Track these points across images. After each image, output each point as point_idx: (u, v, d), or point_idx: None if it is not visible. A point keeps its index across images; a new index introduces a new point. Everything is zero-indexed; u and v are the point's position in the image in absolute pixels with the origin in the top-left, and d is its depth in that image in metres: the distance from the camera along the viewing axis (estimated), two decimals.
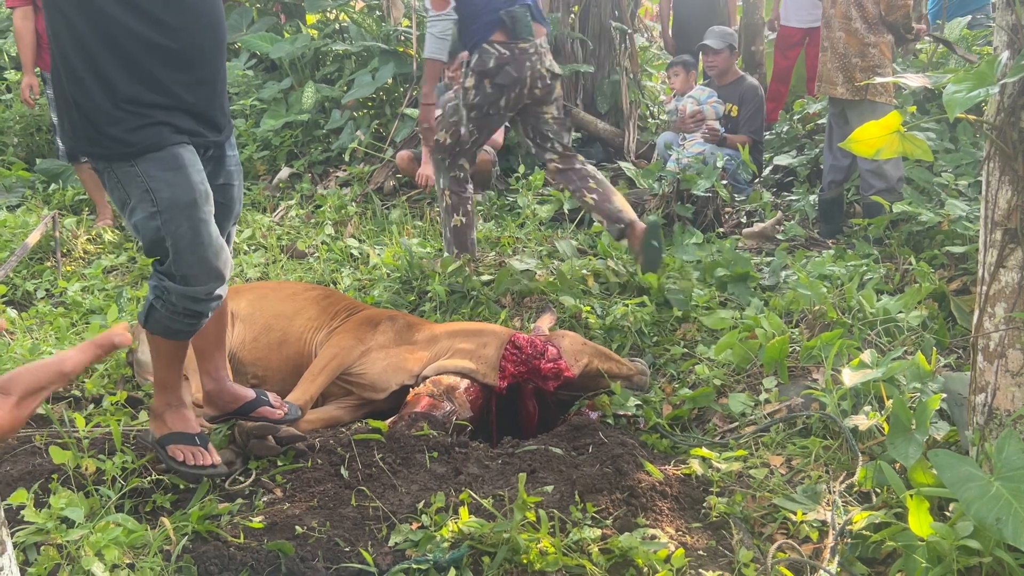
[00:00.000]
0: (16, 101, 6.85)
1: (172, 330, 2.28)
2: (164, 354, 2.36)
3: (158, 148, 2.13)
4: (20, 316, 3.87)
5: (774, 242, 4.65)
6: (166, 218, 2.14)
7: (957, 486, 1.79)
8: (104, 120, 2.11)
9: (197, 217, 2.16)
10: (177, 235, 2.15)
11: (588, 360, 3.11)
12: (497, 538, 2.05)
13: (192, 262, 2.18)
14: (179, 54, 2.16)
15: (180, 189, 2.14)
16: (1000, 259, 1.99)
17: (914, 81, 2.04)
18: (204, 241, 2.18)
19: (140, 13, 2.09)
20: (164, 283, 2.21)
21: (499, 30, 3.92)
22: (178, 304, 2.22)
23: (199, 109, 2.24)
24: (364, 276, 4.39)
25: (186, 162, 2.16)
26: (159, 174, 2.13)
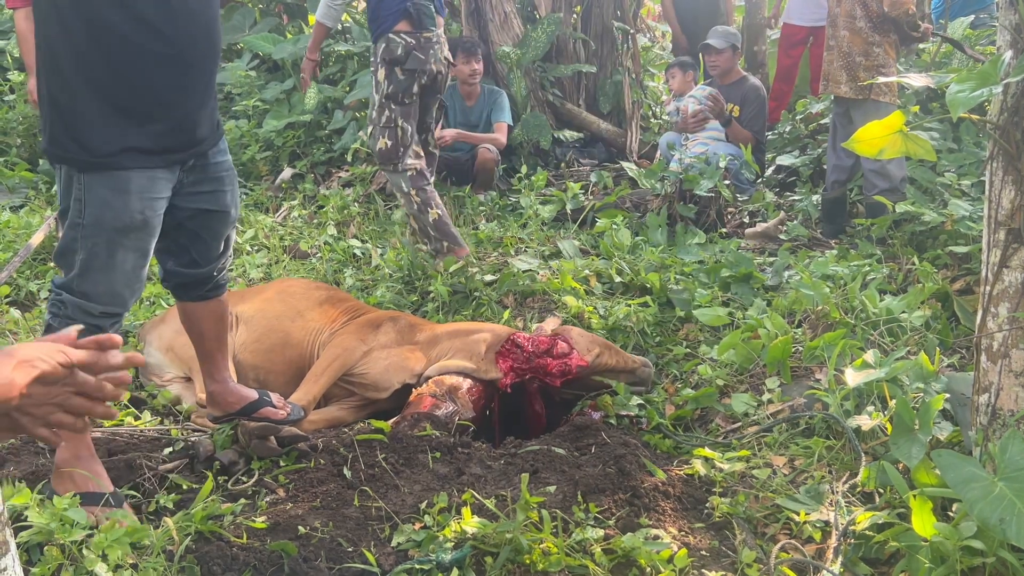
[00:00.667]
0: (19, 102, 6.86)
1: None
2: None
3: (114, 168, 2.07)
4: (23, 317, 3.88)
5: (777, 242, 4.65)
6: (85, 234, 2.08)
7: (960, 486, 1.79)
8: (78, 125, 2.05)
9: (118, 242, 2.10)
10: (91, 253, 2.10)
11: (599, 351, 3.12)
12: (500, 538, 2.05)
13: (97, 281, 2.12)
14: (173, 61, 2.11)
15: (112, 213, 2.08)
16: (1003, 259, 1.99)
17: (917, 81, 2.04)
18: (116, 266, 2.12)
19: (137, 18, 2.04)
20: (60, 296, 2.15)
21: (404, 20, 4.13)
22: (74, 316, 2.12)
23: (186, 119, 2.17)
24: (367, 276, 4.39)
25: (133, 188, 2.09)
26: (99, 190, 2.07)
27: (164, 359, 3.19)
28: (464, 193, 5.66)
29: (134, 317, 3.79)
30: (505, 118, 5.91)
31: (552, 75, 6.69)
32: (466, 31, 6.57)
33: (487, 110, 5.97)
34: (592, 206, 5.17)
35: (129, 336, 3.57)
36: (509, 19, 6.55)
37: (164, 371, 3.20)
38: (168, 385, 3.15)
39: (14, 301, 4.21)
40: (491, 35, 6.52)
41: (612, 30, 6.84)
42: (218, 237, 2.39)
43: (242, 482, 2.48)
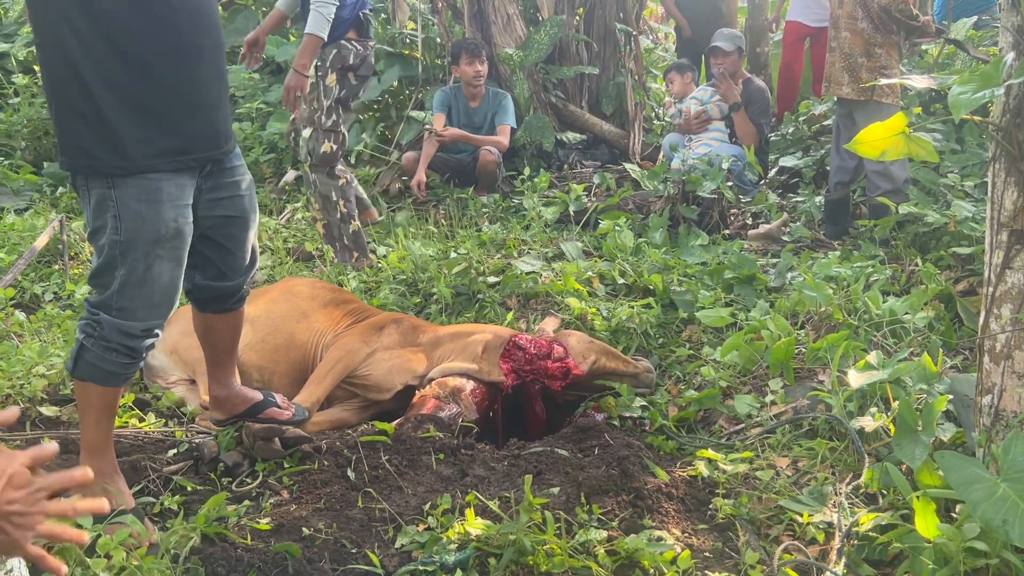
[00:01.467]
0: (24, 105, 6.88)
1: (105, 372, 2.14)
2: (95, 406, 2.18)
3: (149, 171, 2.06)
4: (28, 319, 3.89)
5: (780, 243, 4.65)
6: (124, 249, 2.07)
7: (963, 487, 1.79)
8: (108, 132, 2.02)
9: (155, 254, 2.09)
10: (130, 268, 2.08)
11: (596, 358, 3.11)
12: (503, 540, 2.06)
13: (135, 296, 2.11)
14: (186, 51, 2.09)
15: (148, 224, 2.07)
16: (1006, 260, 1.99)
17: (919, 82, 2.04)
18: (153, 278, 2.11)
19: (144, 12, 2.02)
20: (98, 316, 2.12)
21: (354, 28, 4.35)
22: (111, 339, 2.11)
23: (205, 117, 2.17)
24: (370, 278, 4.40)
25: (164, 196, 2.08)
26: (132, 204, 2.05)
27: (168, 361, 3.20)
28: (467, 195, 5.67)
29: None
30: (509, 120, 5.92)
31: (555, 77, 6.70)
32: (469, 33, 6.58)
33: (491, 112, 5.98)
34: (595, 208, 5.17)
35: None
36: (512, 21, 6.56)
37: (169, 373, 3.21)
38: (173, 387, 3.15)
39: (19, 304, 4.22)
40: (494, 37, 6.53)
41: (615, 32, 6.85)
42: (242, 245, 2.36)
43: (246, 484, 2.49)
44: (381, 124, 6.74)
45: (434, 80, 6.85)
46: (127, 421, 2.89)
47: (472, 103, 5.97)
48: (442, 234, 5.07)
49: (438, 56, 6.89)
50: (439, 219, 5.33)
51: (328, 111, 4.40)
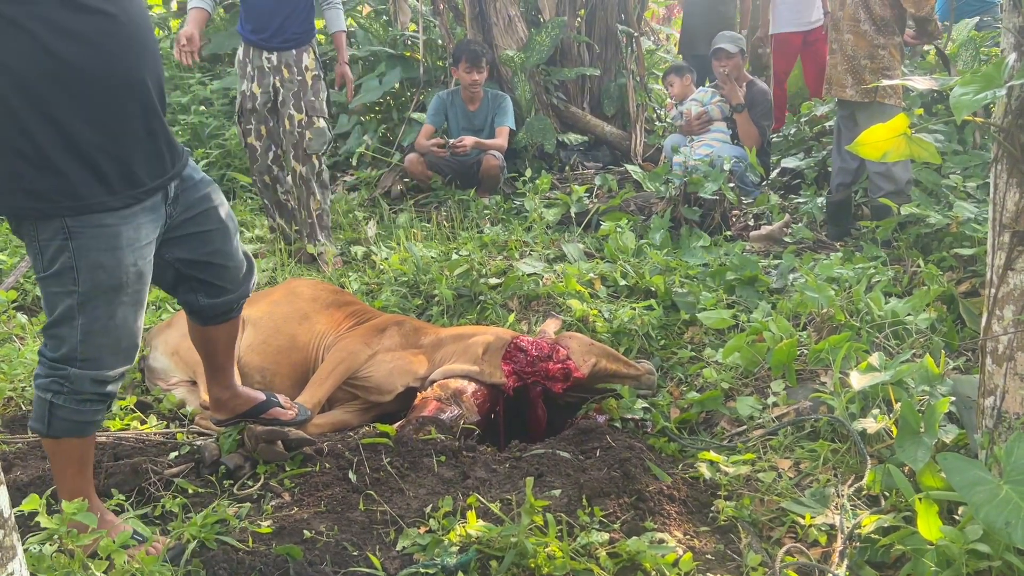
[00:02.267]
0: None
1: (81, 424, 2.06)
2: (74, 459, 2.09)
3: (101, 210, 1.94)
4: (30, 321, 3.89)
5: (782, 245, 4.64)
6: (83, 300, 1.97)
7: (966, 490, 1.79)
8: (55, 171, 1.89)
9: (118, 301, 2.01)
10: (92, 318, 1.99)
11: (596, 360, 3.11)
12: (505, 542, 2.05)
13: (100, 345, 2.02)
14: (127, 85, 1.96)
15: (107, 273, 1.97)
16: (1008, 261, 1.98)
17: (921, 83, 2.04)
18: (117, 325, 2.03)
19: (76, 40, 1.87)
20: (64, 371, 2.01)
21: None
22: (83, 391, 2.02)
23: (152, 145, 2.04)
24: (372, 280, 4.40)
25: (124, 242, 1.98)
26: (91, 254, 1.94)
27: (170, 363, 3.20)
28: (469, 197, 5.67)
29: None
30: (508, 122, 5.92)
31: (556, 78, 6.70)
32: (470, 35, 6.58)
33: (491, 114, 5.98)
34: (596, 209, 5.17)
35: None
36: (513, 23, 6.56)
37: (169, 375, 3.21)
38: (173, 389, 3.16)
39: (21, 306, 4.22)
40: (495, 39, 6.53)
41: (616, 33, 6.85)
42: (230, 256, 2.29)
43: (248, 486, 2.49)
44: (383, 126, 6.75)
45: (435, 82, 6.85)
46: (128, 423, 2.89)
47: (471, 106, 5.97)
48: (444, 236, 5.07)
49: (440, 58, 6.89)
50: (440, 221, 5.33)
51: (324, 104, 4.74)
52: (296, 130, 4.64)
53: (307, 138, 4.65)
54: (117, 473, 2.43)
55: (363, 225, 5.41)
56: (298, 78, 4.56)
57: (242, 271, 2.35)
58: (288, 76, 4.56)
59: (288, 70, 4.55)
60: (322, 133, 4.69)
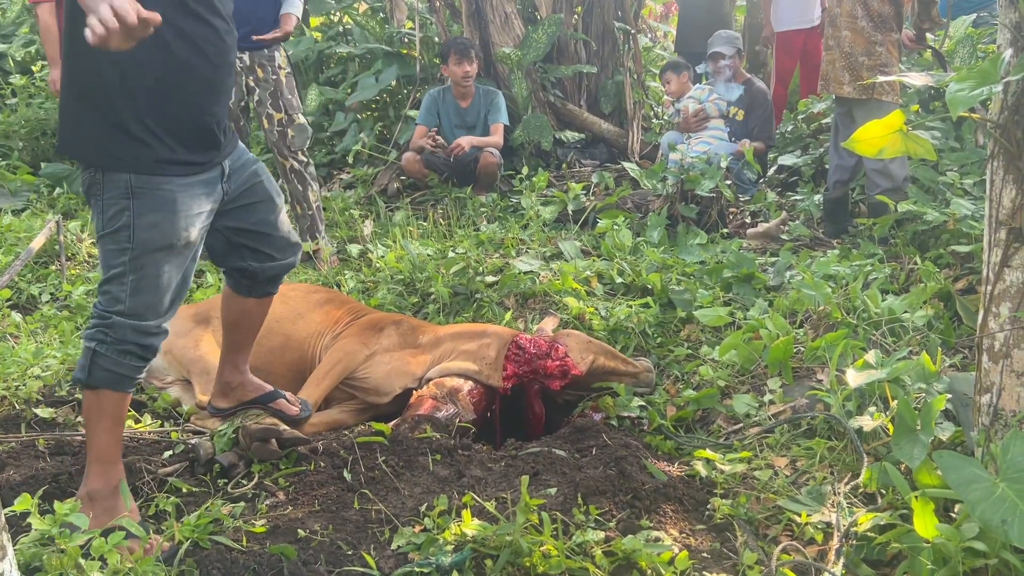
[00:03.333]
0: (21, 105, 6.88)
1: (119, 376, 2.17)
2: (108, 413, 2.19)
3: (163, 175, 2.14)
4: (24, 320, 3.88)
5: (779, 242, 4.64)
6: (134, 256, 2.12)
7: (962, 487, 1.78)
8: (128, 135, 2.10)
9: (165, 261, 2.16)
10: (140, 275, 2.14)
11: (595, 357, 3.10)
12: (500, 541, 2.04)
13: (147, 302, 2.16)
14: (210, 86, 2.21)
15: (160, 233, 2.14)
16: (1005, 258, 1.98)
17: (917, 80, 2.03)
18: (163, 285, 2.18)
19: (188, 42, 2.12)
20: (110, 320, 2.14)
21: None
22: (126, 341, 2.15)
23: (218, 128, 2.26)
24: (368, 278, 4.39)
25: (179, 207, 2.16)
26: (148, 214, 2.12)
27: (163, 362, 3.18)
28: (465, 194, 5.65)
29: None
30: (502, 119, 5.91)
31: (553, 76, 6.69)
32: (467, 32, 6.57)
33: (484, 111, 5.96)
34: (593, 207, 5.16)
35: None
36: (510, 20, 6.55)
37: (164, 374, 3.20)
38: (168, 388, 3.14)
39: (15, 305, 4.21)
40: (492, 36, 6.52)
41: (613, 30, 6.84)
42: (276, 227, 2.49)
43: (242, 485, 2.48)
44: (379, 123, 6.74)
45: (432, 79, 6.84)
46: None
47: (463, 103, 5.95)
48: (440, 234, 5.06)
49: (436, 55, 6.87)
50: (437, 218, 5.32)
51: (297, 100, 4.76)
52: (276, 129, 4.63)
53: (289, 136, 4.65)
54: None
55: (359, 223, 5.40)
56: (272, 77, 4.55)
57: (289, 242, 2.55)
58: (263, 76, 4.55)
59: (262, 70, 4.54)
60: (303, 129, 4.71)
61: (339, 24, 7.80)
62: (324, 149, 6.85)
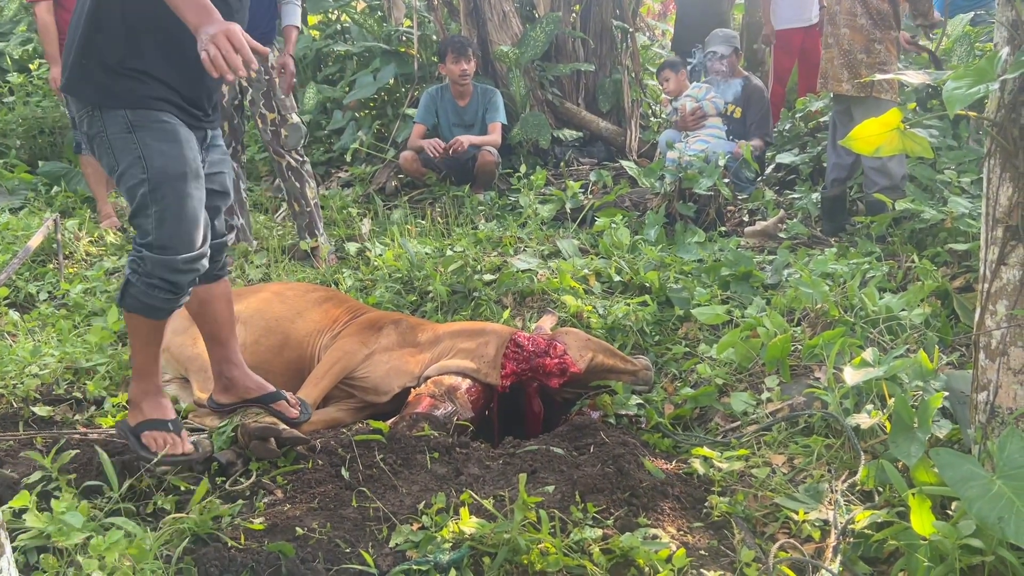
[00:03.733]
0: (19, 104, 6.86)
1: (148, 306, 2.29)
2: (141, 334, 2.36)
3: (159, 111, 2.24)
4: (22, 318, 3.88)
5: (776, 240, 4.64)
6: (153, 186, 2.20)
7: (959, 485, 1.78)
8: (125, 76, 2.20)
9: (184, 191, 2.23)
10: (163, 205, 2.21)
11: (593, 355, 3.10)
12: (498, 539, 2.04)
13: (173, 232, 2.23)
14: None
15: (172, 160, 2.21)
16: (1001, 256, 1.98)
17: (914, 78, 2.03)
18: (188, 215, 2.25)
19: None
20: (141, 253, 2.26)
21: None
22: (154, 273, 2.25)
23: (208, 90, 2.37)
24: (366, 276, 4.39)
25: (182, 137, 2.25)
26: (154, 144, 2.20)
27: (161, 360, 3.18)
28: (463, 193, 5.65)
29: None
30: (500, 118, 5.90)
31: (551, 74, 6.69)
32: (465, 30, 6.56)
33: (482, 110, 5.96)
34: (591, 205, 5.16)
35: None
36: (508, 18, 6.55)
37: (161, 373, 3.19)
38: (166, 386, 3.14)
39: (13, 303, 4.21)
40: (490, 34, 6.52)
41: (611, 29, 6.83)
42: (219, 215, 2.55)
43: (240, 483, 2.48)
44: (377, 122, 6.73)
45: (430, 78, 6.83)
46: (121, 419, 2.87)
47: (460, 101, 5.95)
48: (438, 232, 5.06)
49: (434, 54, 6.87)
50: (435, 217, 5.32)
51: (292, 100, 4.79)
52: (269, 128, 4.63)
53: (283, 136, 4.64)
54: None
55: (357, 221, 5.40)
56: (265, 77, 4.55)
57: (221, 229, 2.59)
58: (255, 76, 4.54)
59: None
60: (297, 128, 4.70)
61: (337, 22, 7.80)
62: (322, 147, 6.85)
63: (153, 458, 2.37)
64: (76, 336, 3.63)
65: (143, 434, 2.42)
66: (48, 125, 6.77)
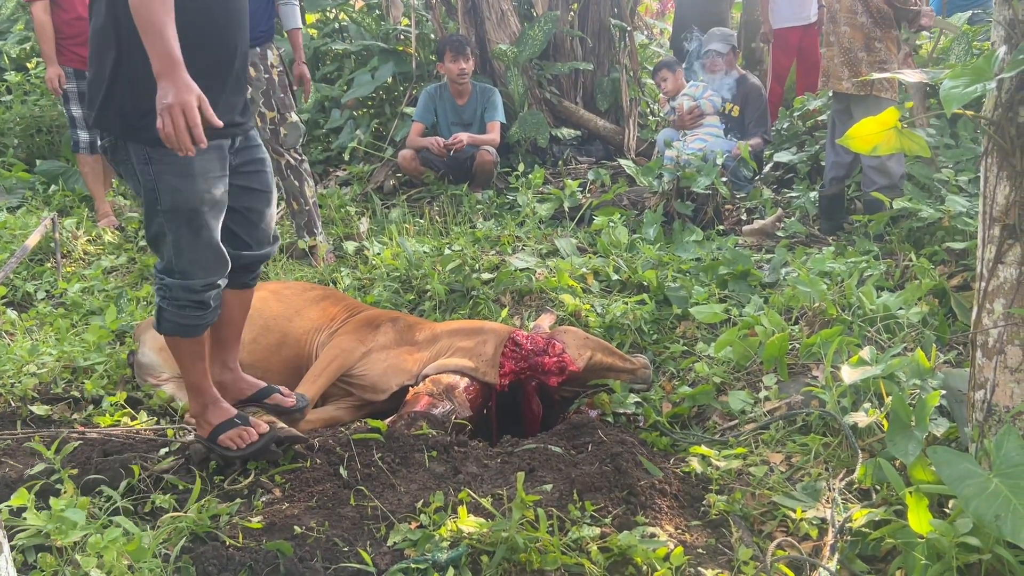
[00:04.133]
0: (16, 103, 6.85)
1: (183, 326, 2.38)
2: (185, 354, 2.44)
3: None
4: (20, 317, 3.87)
5: (774, 239, 4.64)
6: (167, 217, 2.27)
7: (956, 483, 1.79)
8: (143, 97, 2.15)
9: (197, 223, 2.28)
10: (177, 235, 2.28)
11: (592, 354, 3.10)
12: (496, 537, 2.05)
13: (190, 259, 2.31)
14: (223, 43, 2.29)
15: (182, 197, 2.25)
16: (998, 255, 1.98)
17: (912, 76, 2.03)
18: (202, 243, 2.31)
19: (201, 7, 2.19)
20: (164, 281, 2.34)
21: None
22: (180, 297, 2.33)
23: (231, 97, 2.35)
24: (364, 275, 4.39)
25: (196, 170, 2.26)
26: (168, 178, 2.24)
27: (158, 359, 3.18)
28: (461, 191, 5.65)
29: (131, 317, 3.79)
30: (498, 116, 5.90)
31: (549, 73, 6.69)
32: (463, 29, 6.56)
33: (480, 108, 5.95)
34: (589, 204, 5.16)
35: (127, 336, 3.57)
36: (506, 17, 6.54)
37: (159, 371, 3.19)
38: (163, 385, 3.14)
39: (10, 302, 4.20)
40: (488, 33, 6.51)
41: (609, 27, 6.83)
42: (264, 218, 2.57)
43: (238, 482, 2.47)
44: (375, 120, 6.72)
45: (428, 76, 6.83)
46: (118, 420, 2.87)
47: (459, 100, 5.95)
48: (436, 231, 5.06)
49: (432, 52, 6.87)
50: (433, 216, 5.32)
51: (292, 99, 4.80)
52: (268, 127, 4.62)
53: (282, 134, 4.65)
54: (107, 469, 2.42)
55: (355, 220, 5.40)
56: (265, 76, 4.54)
57: (269, 237, 2.62)
58: (255, 75, 4.53)
59: (254, 68, 4.52)
60: (296, 127, 4.72)
61: (335, 21, 7.79)
62: (320, 146, 6.84)
63: (238, 455, 2.46)
64: (74, 335, 3.62)
65: (219, 439, 2.48)
66: (46, 124, 6.76)
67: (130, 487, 2.38)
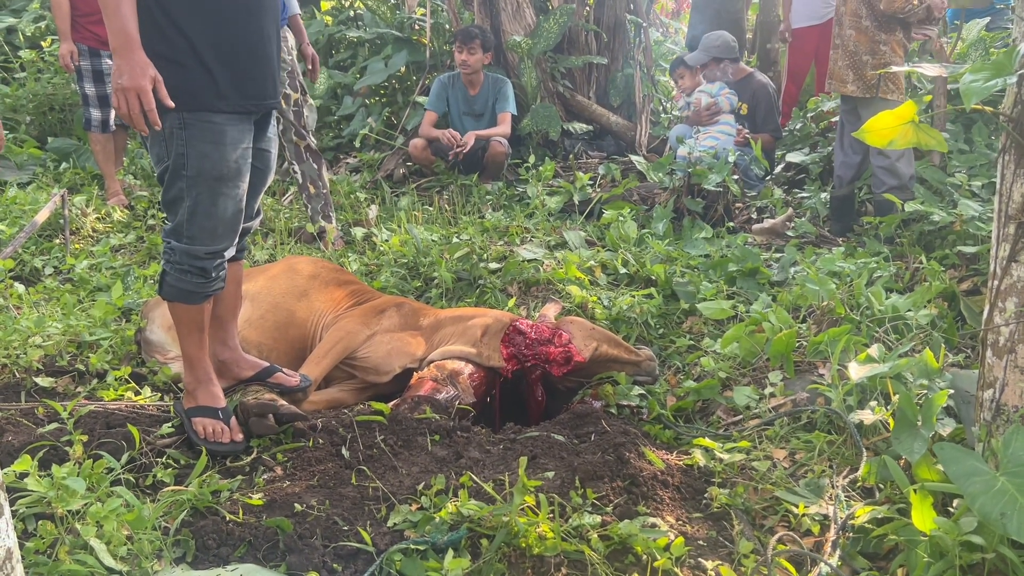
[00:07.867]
0: (30, 80, 6.86)
1: (183, 291, 2.40)
2: (184, 322, 2.46)
3: (213, 111, 2.28)
4: (28, 291, 3.88)
5: (784, 238, 4.62)
6: (190, 184, 2.31)
7: (962, 480, 1.77)
8: (183, 73, 2.24)
9: (219, 191, 2.33)
10: (196, 201, 2.33)
11: (598, 345, 3.09)
12: (496, 521, 2.04)
13: (202, 227, 2.35)
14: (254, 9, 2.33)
15: (211, 163, 2.30)
16: (1012, 253, 1.97)
17: (930, 71, 2.01)
18: (218, 213, 2.35)
19: None
20: (170, 244, 2.38)
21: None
22: (183, 262, 2.37)
23: (264, 72, 2.38)
24: (372, 261, 4.39)
25: (228, 139, 2.32)
26: (198, 144, 2.28)
27: (167, 337, 3.18)
28: (471, 182, 5.64)
29: (138, 295, 3.79)
30: (509, 108, 5.89)
31: (563, 66, 6.67)
32: (478, 20, 6.54)
33: (492, 99, 5.95)
34: (599, 198, 5.15)
35: (133, 314, 3.58)
36: (521, 8, 6.53)
37: (166, 349, 3.20)
38: (170, 363, 3.14)
39: (18, 276, 4.21)
40: (503, 24, 6.49)
41: (624, 23, 6.81)
42: (257, 194, 2.61)
43: (240, 459, 2.47)
44: (387, 109, 6.72)
45: (441, 66, 6.82)
46: (123, 394, 2.88)
47: (471, 90, 5.94)
48: (445, 220, 5.05)
49: (446, 42, 6.86)
50: (442, 205, 5.31)
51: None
52: (292, 108, 4.62)
53: (305, 115, 4.66)
54: (110, 442, 2.42)
55: (365, 207, 5.39)
56: (287, 57, 4.54)
57: (254, 209, 2.65)
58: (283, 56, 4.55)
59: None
60: (313, 110, 4.78)
61: (350, 8, 7.78)
62: (331, 133, 6.84)
63: (201, 443, 2.45)
64: (80, 311, 3.63)
65: (194, 419, 2.49)
66: (58, 102, 6.77)
67: (132, 460, 2.38)
